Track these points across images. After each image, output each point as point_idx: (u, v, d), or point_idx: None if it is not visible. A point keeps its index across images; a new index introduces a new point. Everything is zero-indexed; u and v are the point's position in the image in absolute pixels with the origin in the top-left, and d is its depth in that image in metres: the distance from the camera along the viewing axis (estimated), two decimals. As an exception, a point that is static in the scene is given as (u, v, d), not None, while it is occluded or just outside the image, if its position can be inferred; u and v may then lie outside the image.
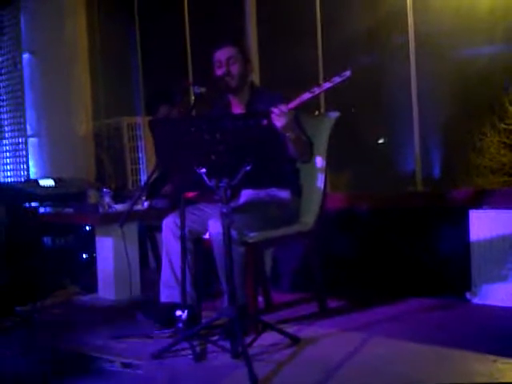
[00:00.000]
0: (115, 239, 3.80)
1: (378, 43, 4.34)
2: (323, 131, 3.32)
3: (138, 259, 3.91)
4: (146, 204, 3.84)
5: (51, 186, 4.30)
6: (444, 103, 4.05)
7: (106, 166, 5.21)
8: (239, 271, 2.84)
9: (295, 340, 2.75)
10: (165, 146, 2.66)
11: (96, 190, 4.03)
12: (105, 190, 3.84)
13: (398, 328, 2.95)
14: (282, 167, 2.69)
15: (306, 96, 2.73)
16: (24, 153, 5.24)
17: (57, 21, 5.12)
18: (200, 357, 2.62)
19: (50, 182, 4.35)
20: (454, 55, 3.98)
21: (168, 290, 3.04)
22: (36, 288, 3.78)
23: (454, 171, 3.93)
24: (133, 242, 3.87)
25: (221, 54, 3.15)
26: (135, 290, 3.82)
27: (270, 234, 3.06)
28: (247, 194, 3.26)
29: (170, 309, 2.96)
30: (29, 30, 5.20)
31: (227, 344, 2.59)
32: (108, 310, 3.61)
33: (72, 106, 5.12)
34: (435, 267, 3.55)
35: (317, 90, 2.71)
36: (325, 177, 3.28)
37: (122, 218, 3.17)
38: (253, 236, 2.95)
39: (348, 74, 2.63)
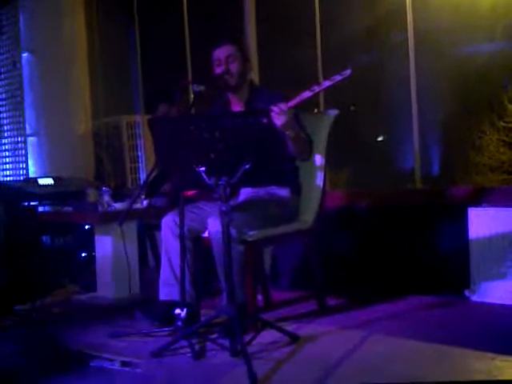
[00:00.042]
0: (114, 238, 3.80)
1: (377, 41, 4.34)
2: (322, 129, 3.31)
3: (137, 258, 3.91)
4: (145, 203, 3.84)
5: (50, 185, 4.30)
6: (443, 101, 4.04)
7: (105, 164, 5.21)
8: (238, 269, 2.84)
9: (294, 338, 2.75)
10: (164, 145, 2.66)
11: (95, 189, 4.03)
12: (104, 188, 3.84)
13: (398, 326, 2.95)
14: (281, 165, 2.69)
15: (306, 94, 2.73)
16: (23, 152, 5.26)
17: (56, 20, 5.13)
18: (199, 355, 2.61)
19: (49, 181, 4.35)
20: (453, 53, 3.97)
21: (167, 289, 3.04)
22: (35, 287, 3.78)
23: (453, 169, 3.92)
24: (132, 240, 3.87)
25: (220, 53, 3.15)
26: (134, 289, 3.82)
27: (269, 232, 3.06)
28: (246, 193, 3.26)
29: (169, 307, 2.96)
30: (28, 29, 5.20)
31: (226, 342, 2.59)
32: (107, 308, 3.61)
33: (71, 105, 5.13)
34: (434, 265, 3.55)
35: (317, 89, 2.70)
36: (324, 175, 3.28)
37: (122, 217, 3.17)
38: (252, 234, 2.95)
39: (348, 72, 2.63)
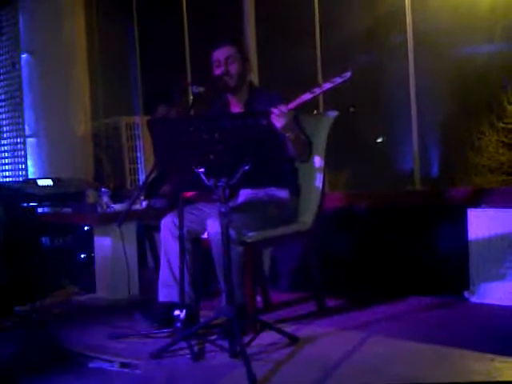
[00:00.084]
0: (113, 239, 3.80)
1: (376, 42, 4.34)
2: (322, 130, 3.31)
3: (136, 259, 3.91)
4: (144, 204, 3.84)
5: (49, 186, 4.29)
6: (442, 102, 4.04)
7: (104, 165, 5.21)
8: (237, 271, 2.84)
9: (294, 339, 2.75)
10: (163, 146, 2.66)
11: (94, 190, 4.02)
12: (103, 189, 3.84)
13: (397, 327, 2.95)
14: (280, 167, 2.69)
15: (307, 96, 2.73)
16: (22, 153, 5.25)
17: (55, 21, 5.12)
18: (198, 356, 2.61)
19: (49, 182, 4.35)
20: (452, 54, 3.97)
21: (166, 290, 3.04)
22: (35, 288, 3.78)
23: (453, 170, 3.92)
24: (131, 241, 3.87)
25: (219, 54, 3.15)
26: (133, 290, 3.82)
27: (268, 233, 3.06)
28: (245, 194, 3.26)
29: (169, 308, 2.96)
30: (27, 30, 5.20)
31: (225, 343, 2.59)
32: (106, 309, 3.61)
33: (70, 106, 5.12)
34: (433, 266, 3.55)
35: (317, 91, 2.70)
36: (323, 176, 3.28)
37: (121, 218, 3.17)
38: (251, 235, 2.95)
39: (349, 74, 2.63)
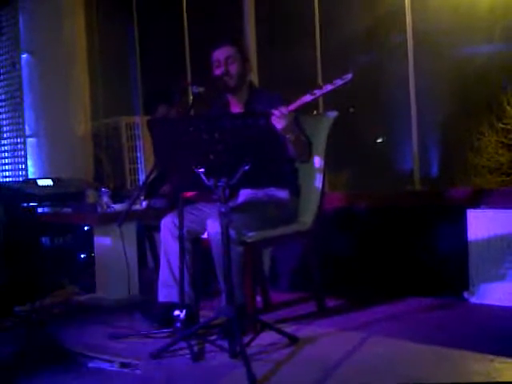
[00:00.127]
0: (114, 239, 3.79)
1: (376, 42, 4.34)
2: (321, 131, 3.32)
3: (136, 259, 3.91)
4: (144, 204, 3.83)
5: (50, 186, 4.29)
6: (442, 102, 4.05)
7: (104, 165, 5.21)
8: (237, 271, 2.84)
9: (293, 339, 2.75)
10: (163, 146, 2.66)
11: (94, 190, 4.02)
12: (103, 189, 3.83)
13: (397, 328, 2.95)
14: (280, 167, 2.69)
15: (307, 98, 2.74)
16: (22, 153, 5.25)
17: (55, 21, 5.12)
18: (198, 356, 2.61)
19: (49, 182, 4.35)
20: (452, 54, 3.98)
21: (166, 290, 3.04)
22: (35, 288, 3.78)
23: (452, 170, 3.92)
24: (131, 241, 3.87)
25: (219, 54, 3.15)
26: (133, 290, 3.82)
27: (268, 233, 3.06)
28: (245, 194, 3.26)
29: (168, 308, 2.96)
30: (27, 30, 5.20)
31: (225, 343, 2.59)
32: (106, 309, 3.61)
33: (70, 106, 5.12)
34: (433, 267, 3.55)
35: (318, 93, 2.71)
36: (323, 176, 3.28)
37: (121, 218, 3.18)
38: (251, 235, 2.95)
39: (350, 76, 2.63)
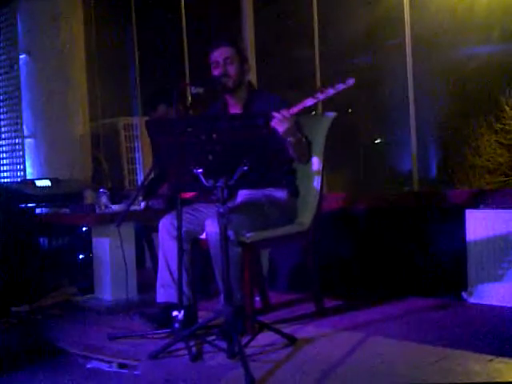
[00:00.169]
0: (112, 240, 3.79)
1: (374, 43, 4.35)
2: (320, 131, 3.31)
3: (134, 260, 3.90)
4: (142, 204, 3.83)
5: (48, 187, 4.30)
6: (441, 103, 4.05)
7: (102, 166, 5.21)
8: (236, 271, 2.84)
9: (292, 340, 2.75)
10: (161, 147, 2.66)
11: (93, 191, 4.01)
12: (101, 190, 3.83)
13: (395, 328, 2.95)
14: (279, 167, 2.69)
15: (310, 102, 2.75)
16: (20, 153, 5.25)
17: (53, 22, 5.13)
18: (196, 357, 2.61)
19: (47, 183, 4.35)
20: (450, 55, 3.99)
21: (165, 291, 3.04)
22: (33, 289, 3.78)
23: (451, 171, 3.93)
24: (129, 242, 3.86)
25: (218, 55, 3.15)
26: (132, 291, 3.81)
27: (266, 234, 3.06)
28: (244, 194, 3.26)
29: (167, 309, 2.96)
30: (25, 30, 5.20)
31: (224, 344, 2.58)
32: (105, 310, 3.60)
33: (69, 107, 5.12)
34: (432, 267, 3.55)
35: (320, 96, 2.72)
36: (321, 177, 3.28)
37: (119, 219, 3.18)
38: (249, 236, 2.95)
39: (352, 81, 2.65)
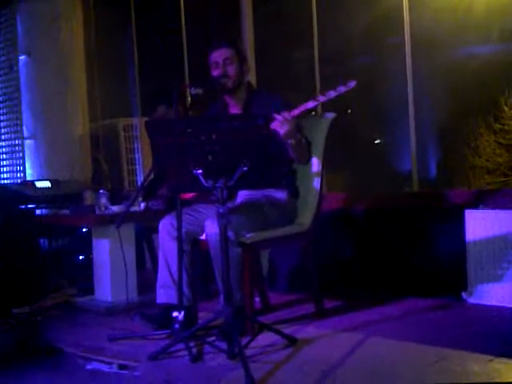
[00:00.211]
0: (112, 241, 3.79)
1: (374, 43, 4.35)
2: (320, 132, 3.31)
3: (134, 260, 3.90)
4: (142, 205, 3.83)
5: (48, 188, 4.30)
6: (440, 103, 4.05)
7: (102, 167, 5.21)
8: (236, 272, 2.84)
9: (292, 341, 2.75)
10: (161, 147, 2.66)
11: (92, 192, 4.01)
12: (101, 191, 3.83)
13: (395, 328, 2.95)
14: (278, 168, 2.69)
15: (311, 104, 2.76)
16: (20, 154, 5.25)
17: (53, 22, 5.13)
18: (196, 358, 2.62)
19: (47, 184, 4.35)
20: (450, 55, 3.98)
21: (165, 291, 3.04)
22: (33, 290, 3.78)
23: (450, 171, 3.93)
24: (129, 243, 3.86)
25: (217, 55, 3.15)
26: (132, 292, 3.81)
27: (266, 234, 3.06)
28: (244, 195, 3.26)
29: (167, 310, 2.96)
30: (25, 31, 5.20)
31: (224, 345, 2.59)
32: (105, 311, 3.60)
33: (68, 108, 5.12)
34: (431, 267, 3.55)
35: (321, 99, 2.73)
36: (321, 177, 3.28)
37: (119, 220, 3.18)
38: (249, 237, 2.95)
39: (353, 84, 2.66)
